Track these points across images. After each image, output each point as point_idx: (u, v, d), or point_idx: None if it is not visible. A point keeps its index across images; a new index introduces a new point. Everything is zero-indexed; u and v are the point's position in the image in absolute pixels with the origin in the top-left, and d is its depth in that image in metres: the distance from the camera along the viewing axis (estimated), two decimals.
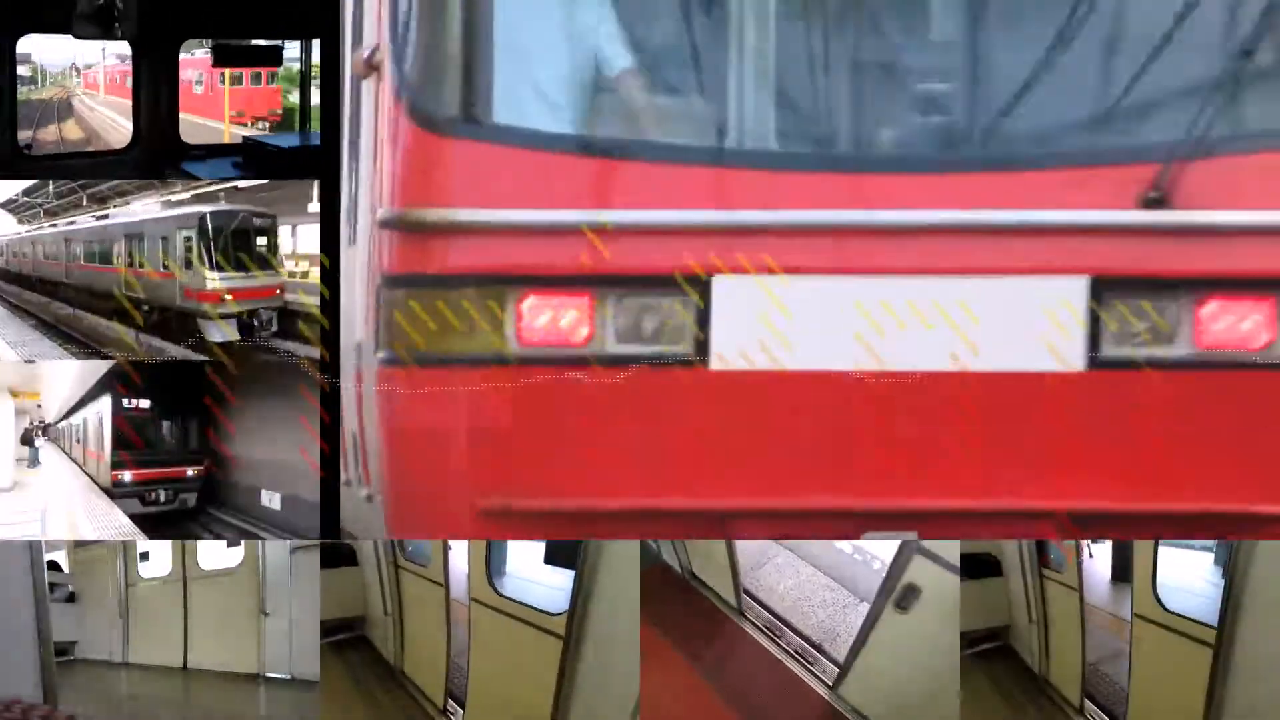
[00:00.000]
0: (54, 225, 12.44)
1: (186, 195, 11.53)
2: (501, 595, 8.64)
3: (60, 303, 12.39)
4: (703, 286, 6.17)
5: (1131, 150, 6.15)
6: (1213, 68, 6.13)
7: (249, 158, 11.17)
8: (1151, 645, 7.43)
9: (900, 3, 6.25)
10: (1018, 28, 6.29)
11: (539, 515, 6.65)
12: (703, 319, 6.22)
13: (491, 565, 8.57)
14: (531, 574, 8.68)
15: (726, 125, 6.38)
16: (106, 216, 12.08)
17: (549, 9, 6.38)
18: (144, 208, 11.98)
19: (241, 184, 11.31)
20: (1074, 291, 6.06)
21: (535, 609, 8.28)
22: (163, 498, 13.35)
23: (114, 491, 12.26)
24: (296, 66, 12.23)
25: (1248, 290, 6.11)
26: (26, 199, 12.29)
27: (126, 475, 12.95)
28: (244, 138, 11.96)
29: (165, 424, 13.30)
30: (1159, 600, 7.37)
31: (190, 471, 13.47)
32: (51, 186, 11.73)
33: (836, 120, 6.23)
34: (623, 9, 6.38)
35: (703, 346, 6.32)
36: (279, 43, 10.98)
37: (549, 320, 6.25)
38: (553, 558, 8.06)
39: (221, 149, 11.66)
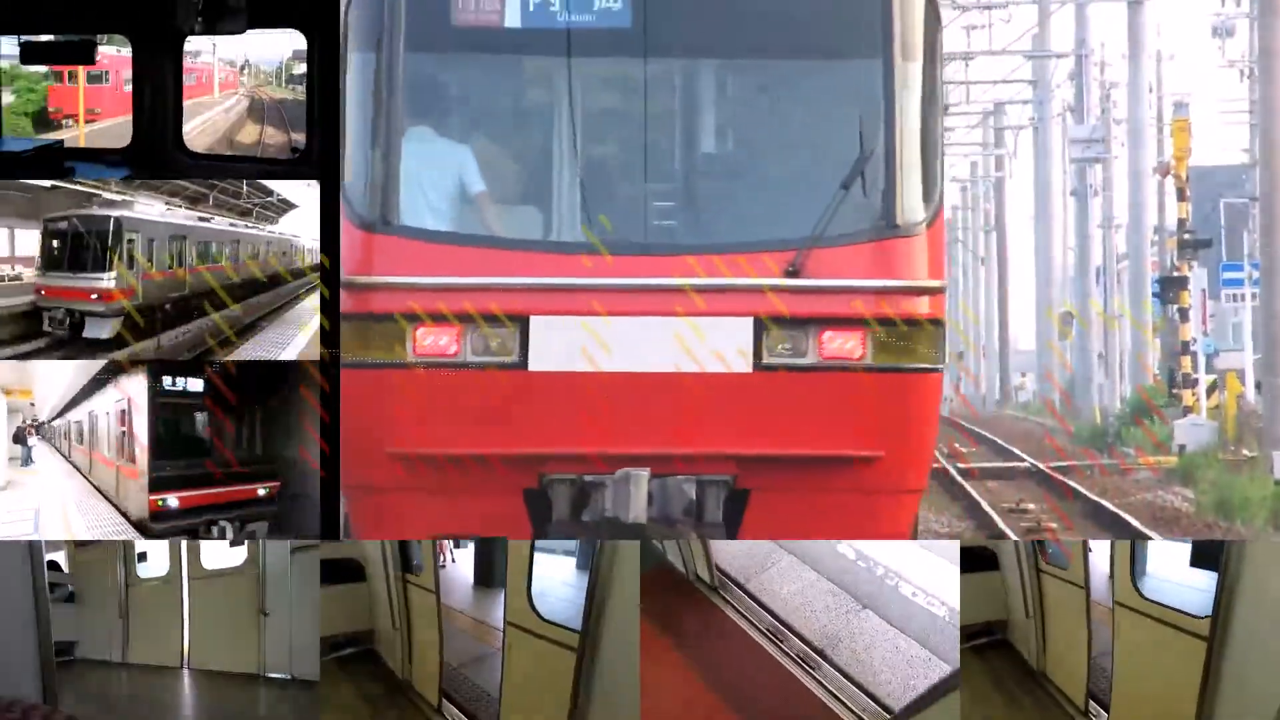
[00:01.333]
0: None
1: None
2: (543, 619, 8.58)
3: None
4: (525, 322, 9.98)
5: (779, 243, 10.00)
6: (826, 197, 10.01)
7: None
8: (1131, 632, 8.44)
9: (654, 161, 10.27)
10: (713, 174, 10.55)
11: (423, 457, 10.22)
12: (524, 341, 9.98)
13: (531, 587, 8.53)
14: (561, 592, 8.67)
15: (545, 227, 10.41)
16: None
17: (434, 156, 10.30)
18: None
19: None
20: (745, 326, 9.92)
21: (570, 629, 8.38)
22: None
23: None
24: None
25: (848, 325, 9.94)
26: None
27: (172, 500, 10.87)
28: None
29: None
30: (1138, 590, 8.39)
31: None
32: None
33: (614, 224, 10.10)
34: (479, 156, 10.32)
35: (525, 357, 10.02)
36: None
37: (433, 341, 10.04)
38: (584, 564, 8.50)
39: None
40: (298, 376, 12.18)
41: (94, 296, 12.24)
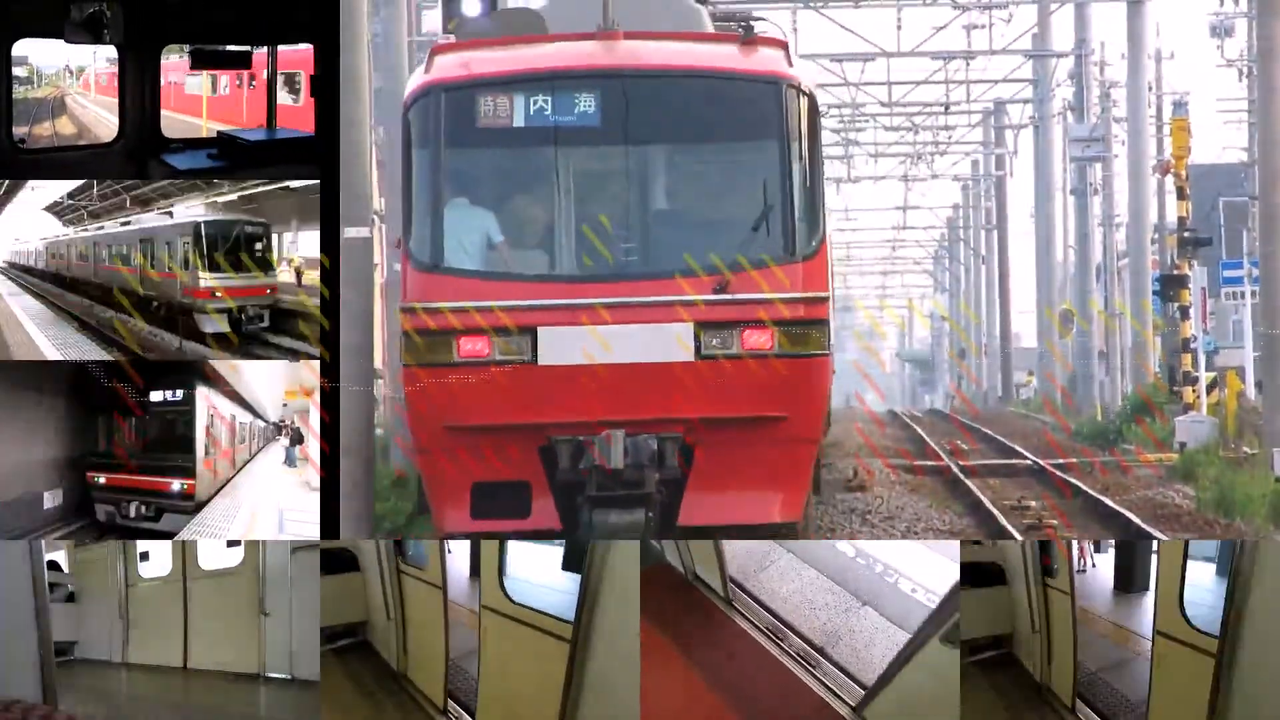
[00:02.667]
0: (86, 229, 13.40)
1: (216, 200, 12.53)
2: (514, 602, 8.68)
3: (98, 304, 12.99)
4: (534, 331, 13.72)
5: (711, 269, 13.80)
6: (742, 236, 14.03)
7: (223, 150, 12.13)
8: (1174, 661, 8.30)
9: (621, 216, 14.25)
10: (662, 223, 14.34)
11: (468, 427, 13.82)
12: (534, 345, 13.71)
13: (503, 571, 8.76)
14: (540, 579, 8.72)
15: (547, 265, 14.22)
16: (130, 223, 13.13)
17: (469, 218, 14.12)
18: (181, 211, 12.67)
19: None
20: (688, 328, 13.70)
21: (548, 615, 8.40)
22: None
23: None
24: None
25: (761, 325, 13.72)
26: (71, 201, 12.76)
27: None
28: (218, 132, 12.38)
29: None
30: (1186, 617, 8.22)
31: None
32: (95, 189, 12.77)
33: (594, 262, 14.01)
34: (499, 217, 14.18)
35: (535, 355, 13.74)
36: (247, 48, 12.04)
37: (470, 347, 13.73)
38: (569, 564, 8.53)
39: (198, 142, 12.20)
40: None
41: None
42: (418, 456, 14.58)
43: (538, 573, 9.02)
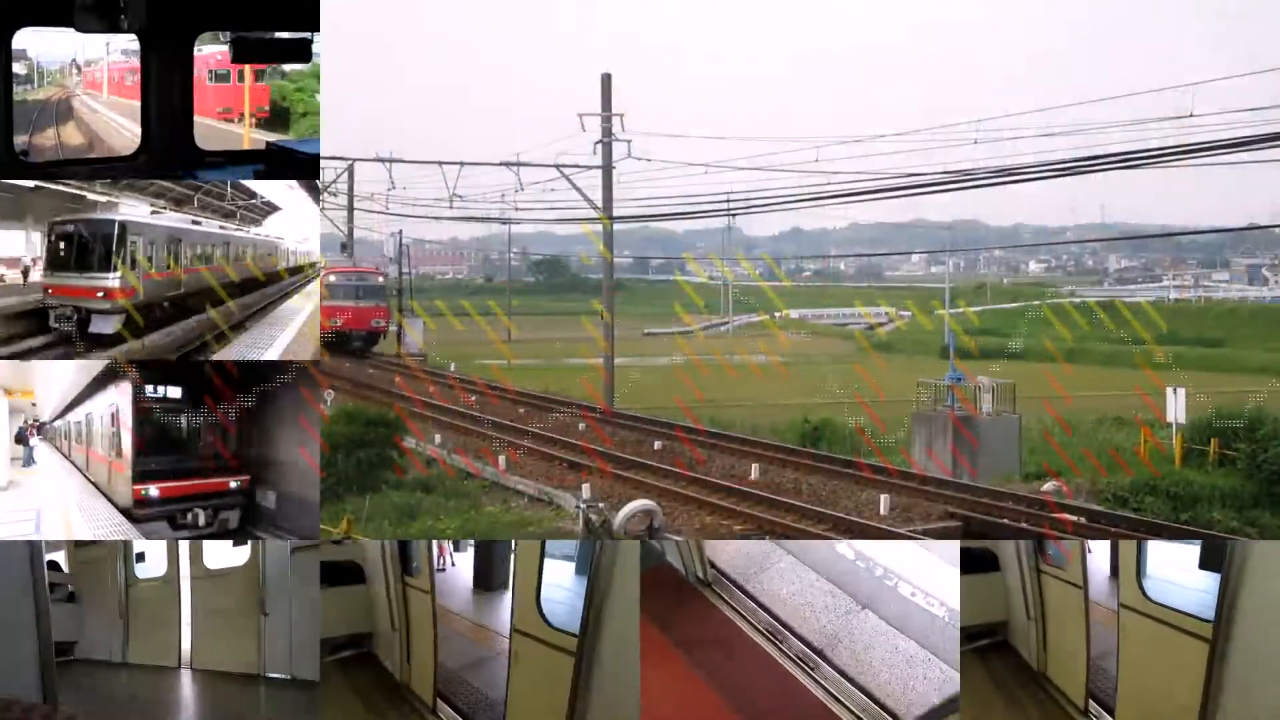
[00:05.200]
0: None
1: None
2: (551, 626, 8.78)
3: None
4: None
5: None
6: None
7: (273, 164, 10.36)
8: (1137, 633, 8.81)
9: None
10: None
11: None
12: None
13: (540, 598, 9.07)
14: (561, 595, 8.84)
15: None
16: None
17: None
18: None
19: None
20: None
21: (568, 633, 8.53)
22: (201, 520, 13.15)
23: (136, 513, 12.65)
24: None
25: None
26: None
27: (153, 490, 12.74)
28: (267, 143, 10.64)
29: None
30: (1144, 592, 8.78)
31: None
32: None
33: None
34: None
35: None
36: (308, 35, 9.61)
37: None
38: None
39: (242, 156, 10.29)
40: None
41: (99, 295, 12.49)
42: None
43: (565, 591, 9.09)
